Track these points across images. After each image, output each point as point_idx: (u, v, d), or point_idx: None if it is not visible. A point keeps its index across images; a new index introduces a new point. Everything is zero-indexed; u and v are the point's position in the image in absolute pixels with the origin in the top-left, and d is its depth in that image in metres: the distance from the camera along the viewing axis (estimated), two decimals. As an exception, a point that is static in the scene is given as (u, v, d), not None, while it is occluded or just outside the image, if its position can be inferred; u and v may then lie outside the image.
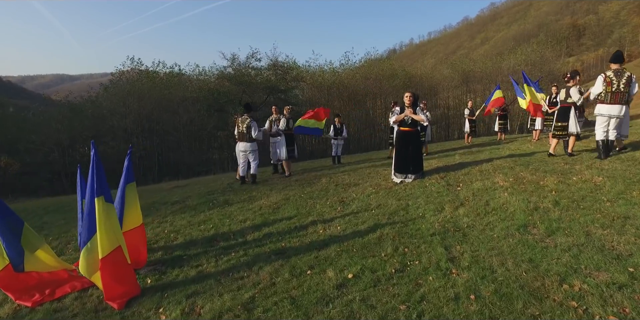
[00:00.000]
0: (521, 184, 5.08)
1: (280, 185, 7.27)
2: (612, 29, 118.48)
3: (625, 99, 5.64)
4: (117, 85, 21.92)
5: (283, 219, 4.98)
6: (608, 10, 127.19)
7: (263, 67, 23.84)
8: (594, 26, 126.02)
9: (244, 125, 7.69)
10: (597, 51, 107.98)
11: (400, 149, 6.06)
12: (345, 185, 6.46)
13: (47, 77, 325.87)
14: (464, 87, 32.82)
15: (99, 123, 20.33)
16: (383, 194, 5.51)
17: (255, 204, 6.02)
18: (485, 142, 11.86)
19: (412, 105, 6.00)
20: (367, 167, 8.04)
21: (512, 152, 8.06)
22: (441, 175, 6.09)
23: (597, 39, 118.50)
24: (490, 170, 6.05)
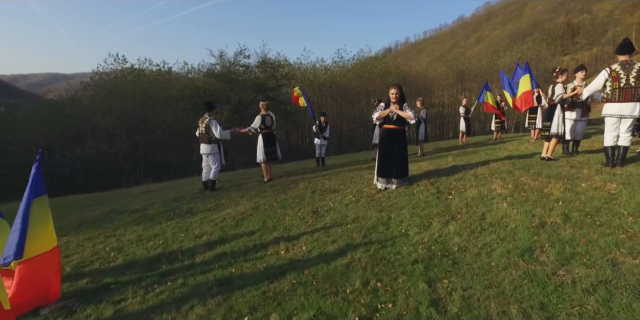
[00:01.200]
0: (522, 191, 4.36)
1: (253, 191, 6.52)
2: (606, 28, 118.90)
3: (638, 95, 4.83)
4: (99, 84, 20.99)
5: (244, 235, 4.23)
6: (602, 9, 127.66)
7: (252, 64, 23.01)
8: (588, 25, 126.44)
9: (203, 124, 6.98)
10: (591, 50, 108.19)
11: (383, 149, 5.33)
12: (323, 192, 5.72)
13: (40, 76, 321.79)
14: (459, 85, 32.22)
15: (81, 122, 19.38)
16: (364, 203, 4.77)
17: (220, 214, 5.27)
18: (481, 142, 11.18)
19: (399, 102, 5.27)
20: (351, 170, 7.31)
21: (510, 153, 7.36)
22: (431, 181, 5.36)
23: (591, 38, 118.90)
24: (486, 175, 5.34)
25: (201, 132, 7.01)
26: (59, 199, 10.16)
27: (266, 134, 7.67)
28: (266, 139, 7.64)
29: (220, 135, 6.96)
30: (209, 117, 7.01)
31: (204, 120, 6.99)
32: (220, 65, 22.03)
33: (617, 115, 4.88)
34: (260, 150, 7.59)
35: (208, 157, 7.09)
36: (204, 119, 7.02)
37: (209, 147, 7.01)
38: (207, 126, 6.93)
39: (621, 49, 4.94)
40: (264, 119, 7.64)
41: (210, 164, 7.11)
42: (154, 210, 6.07)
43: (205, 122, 6.96)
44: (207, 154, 7.05)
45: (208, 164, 7.16)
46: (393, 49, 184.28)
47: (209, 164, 7.14)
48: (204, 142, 7.00)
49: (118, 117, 20.05)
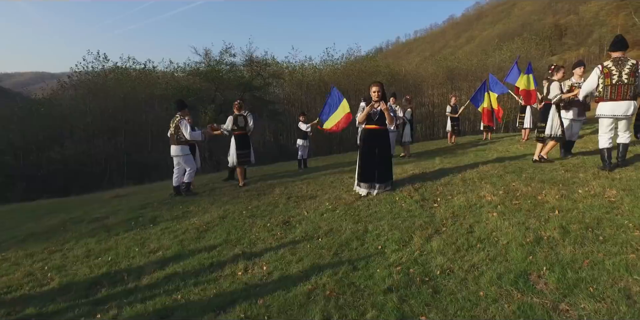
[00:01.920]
0: (514, 198, 3.94)
1: (226, 197, 6.01)
2: (592, 28, 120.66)
3: (632, 93, 4.46)
4: (77, 83, 20.12)
5: (203, 250, 3.73)
6: (588, 10, 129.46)
7: (238, 63, 22.40)
8: (575, 26, 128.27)
9: (173, 124, 6.51)
10: (578, 50, 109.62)
11: (365, 152, 4.88)
12: (299, 199, 5.24)
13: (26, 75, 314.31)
14: (449, 84, 31.99)
15: (59, 123, 18.49)
16: (340, 212, 4.30)
17: (184, 224, 4.76)
18: (470, 142, 10.81)
19: (381, 100, 4.82)
20: (332, 174, 6.84)
21: (500, 154, 6.98)
22: (416, 186, 4.92)
23: (578, 39, 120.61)
24: (475, 179, 4.92)
25: (171, 133, 6.51)
26: (23, 205, 9.51)
27: (239, 135, 7.15)
28: (239, 141, 7.12)
29: (190, 137, 6.45)
30: (179, 117, 6.50)
31: (174, 120, 6.50)
32: (205, 64, 21.38)
33: (609, 116, 4.51)
34: (232, 153, 7.09)
35: (179, 159, 6.57)
36: (174, 119, 6.53)
37: (178, 148, 6.50)
38: (177, 126, 6.43)
39: (614, 45, 4.59)
40: (236, 120, 7.09)
41: (183, 166, 6.59)
42: (115, 219, 5.53)
43: (175, 122, 6.46)
44: (176, 156, 6.55)
45: (179, 167, 6.64)
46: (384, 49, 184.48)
47: (180, 167, 6.63)
48: (173, 143, 6.51)
49: (98, 117, 19.24)
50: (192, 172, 6.66)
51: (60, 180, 19.26)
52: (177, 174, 6.61)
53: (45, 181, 18.74)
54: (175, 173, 6.59)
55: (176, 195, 6.55)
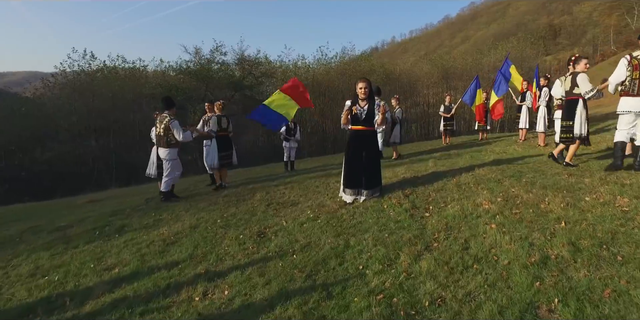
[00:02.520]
0: (514, 207, 3.53)
1: (203, 203, 5.55)
2: (586, 29, 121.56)
3: None
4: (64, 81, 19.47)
5: (163, 267, 3.28)
6: (582, 11, 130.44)
7: (228, 61, 21.89)
8: (569, 26, 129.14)
9: (162, 125, 5.94)
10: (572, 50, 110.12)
11: (350, 155, 4.44)
12: (279, 205, 4.79)
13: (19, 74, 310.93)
14: (444, 84, 31.70)
15: (43, 122, 17.84)
16: (322, 222, 3.86)
17: (151, 235, 4.30)
18: (465, 143, 10.43)
19: (369, 98, 4.39)
20: (319, 177, 6.40)
21: (497, 156, 6.58)
22: (406, 192, 4.49)
23: (572, 39, 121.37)
24: (471, 184, 4.50)
25: (159, 134, 5.97)
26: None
27: (222, 136, 6.78)
28: (222, 143, 6.76)
29: (183, 138, 5.98)
30: (169, 117, 5.95)
31: (163, 120, 5.93)
32: (194, 62, 20.87)
33: (633, 111, 4.11)
34: (214, 154, 6.66)
35: (166, 163, 6.07)
36: (162, 119, 5.96)
37: (168, 151, 5.99)
38: (167, 127, 5.89)
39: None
40: (220, 121, 6.73)
41: (167, 171, 6.07)
42: (79, 229, 5.05)
43: (164, 123, 5.90)
44: (166, 160, 6.04)
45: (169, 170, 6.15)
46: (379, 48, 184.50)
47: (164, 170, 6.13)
48: (162, 145, 5.97)
49: (85, 117, 18.63)
50: (171, 179, 6.15)
51: (47, 181, 18.64)
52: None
53: (29, 183, 18.14)
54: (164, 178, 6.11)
55: (165, 200, 6.05)
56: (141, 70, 24.04)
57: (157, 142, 6.08)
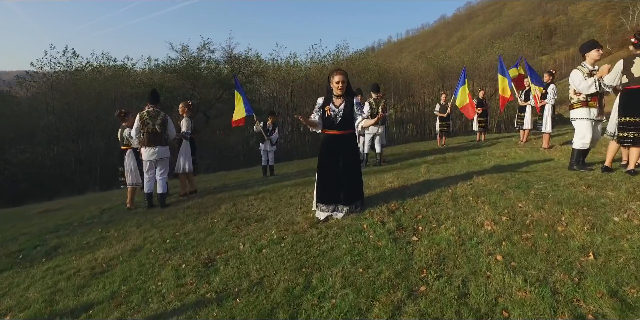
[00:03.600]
0: (524, 229, 2.80)
1: (159, 217, 4.78)
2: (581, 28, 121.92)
3: None
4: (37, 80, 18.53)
5: (76, 310, 2.52)
6: (577, 11, 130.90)
7: (217, 59, 21.05)
8: (564, 26, 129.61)
9: (157, 121, 5.24)
10: (568, 50, 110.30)
11: (325, 165, 3.69)
12: (242, 222, 4.04)
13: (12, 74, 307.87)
14: (440, 83, 31.06)
15: (16, 123, 16.87)
16: (286, 246, 3.11)
17: (83, 260, 3.56)
18: (462, 145, 9.72)
19: (346, 95, 3.65)
20: (296, 185, 5.64)
21: (498, 161, 5.86)
22: (392, 206, 3.75)
23: (567, 38, 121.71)
24: (469, 197, 3.77)
25: (153, 131, 5.22)
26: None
27: (193, 138, 6.25)
28: (193, 146, 6.18)
29: (172, 135, 5.56)
30: (163, 112, 5.39)
31: (158, 115, 5.26)
32: (180, 60, 20.04)
33: None
34: (187, 158, 5.97)
35: (158, 163, 5.36)
36: (155, 114, 5.26)
37: (166, 150, 5.40)
38: (164, 122, 5.30)
39: None
40: (192, 122, 6.22)
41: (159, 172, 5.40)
42: (3, 250, 4.28)
43: (160, 118, 5.26)
44: (163, 158, 5.39)
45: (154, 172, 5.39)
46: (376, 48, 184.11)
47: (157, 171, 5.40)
48: (160, 143, 5.29)
49: (62, 117, 17.71)
50: (166, 179, 5.56)
51: (26, 184, 17.70)
52: (150, 180, 5.39)
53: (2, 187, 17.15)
54: (148, 178, 5.38)
55: (150, 206, 5.35)
56: (127, 68, 23.21)
57: (151, 140, 5.25)
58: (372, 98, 6.89)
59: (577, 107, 4.50)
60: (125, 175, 5.70)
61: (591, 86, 4.16)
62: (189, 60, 19.51)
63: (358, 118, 3.66)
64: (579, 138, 4.48)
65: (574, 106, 4.57)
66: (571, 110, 4.60)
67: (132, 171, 5.67)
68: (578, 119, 4.49)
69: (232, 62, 21.40)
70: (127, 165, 5.68)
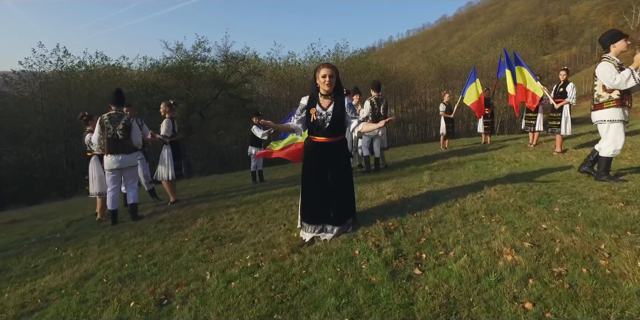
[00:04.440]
0: (553, 260, 2.23)
1: (127, 233, 4.22)
2: (583, 28, 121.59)
3: None
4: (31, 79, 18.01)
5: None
6: (579, 10, 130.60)
7: (213, 58, 20.52)
8: (566, 26, 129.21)
9: (118, 126, 4.60)
10: (570, 50, 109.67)
11: (310, 177, 3.11)
12: (216, 242, 3.48)
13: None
14: (441, 83, 30.48)
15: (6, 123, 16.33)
16: (260, 278, 2.55)
17: (19, 292, 3.02)
18: (467, 148, 9.14)
19: (336, 94, 3.09)
20: (284, 195, 5.07)
21: (509, 167, 5.29)
22: (390, 225, 3.18)
23: (569, 38, 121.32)
24: (481, 214, 3.19)
25: (115, 137, 4.59)
26: None
27: (175, 142, 5.68)
28: (176, 150, 5.61)
29: (138, 142, 4.85)
30: (126, 114, 4.74)
31: (120, 119, 4.62)
32: (175, 59, 19.50)
33: None
34: (169, 165, 5.42)
35: (124, 172, 4.77)
36: (118, 117, 4.62)
37: (130, 158, 4.76)
38: (128, 126, 4.65)
39: None
40: (173, 124, 5.63)
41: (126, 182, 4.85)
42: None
43: (123, 122, 4.61)
44: (128, 167, 4.77)
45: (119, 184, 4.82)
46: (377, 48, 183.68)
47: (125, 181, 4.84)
48: (123, 151, 4.65)
49: (53, 118, 17.17)
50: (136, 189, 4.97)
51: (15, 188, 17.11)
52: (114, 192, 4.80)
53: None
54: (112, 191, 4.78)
55: (114, 223, 4.73)
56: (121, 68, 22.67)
57: (112, 147, 4.63)
58: (373, 97, 6.31)
59: (609, 107, 3.87)
60: (90, 184, 5.13)
61: (629, 79, 3.55)
62: (184, 59, 18.97)
63: (353, 122, 3.08)
64: (608, 144, 3.88)
65: (604, 106, 3.93)
66: (598, 110, 3.98)
67: (96, 179, 5.11)
68: (609, 122, 3.87)
69: (229, 61, 20.88)
70: (91, 172, 5.12)
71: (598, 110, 3.93)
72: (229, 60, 20.64)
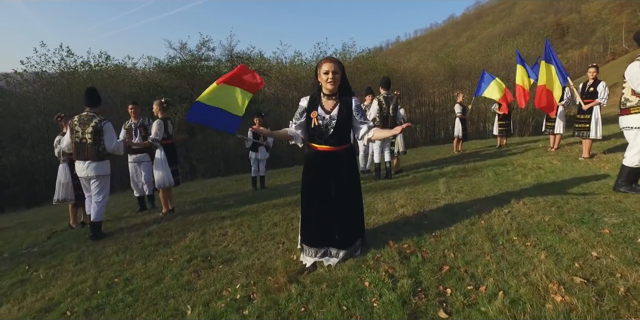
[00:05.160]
0: (621, 308, 1.75)
1: (110, 248, 3.80)
2: (595, 27, 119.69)
3: None
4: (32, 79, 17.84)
5: None
6: (591, 9, 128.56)
7: (218, 57, 20.19)
8: (577, 24, 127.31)
9: (87, 128, 4.08)
10: (581, 49, 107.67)
11: (311, 193, 2.64)
12: (205, 263, 3.04)
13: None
14: (450, 83, 29.84)
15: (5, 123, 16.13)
16: (249, 317, 2.10)
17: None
18: (481, 151, 8.61)
19: (342, 94, 2.62)
20: (285, 206, 4.62)
21: (534, 175, 4.77)
22: (405, 247, 2.71)
23: (580, 37, 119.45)
24: (512, 235, 2.71)
25: (83, 142, 4.09)
26: None
27: (169, 145, 5.21)
28: (171, 154, 5.13)
29: (114, 148, 4.17)
30: (98, 117, 4.13)
31: (90, 122, 4.07)
32: (179, 58, 19.21)
33: None
34: (164, 170, 4.98)
35: (92, 183, 4.23)
36: (88, 119, 4.09)
37: (99, 166, 4.15)
38: (98, 130, 4.06)
39: None
40: (165, 125, 5.13)
41: (93, 194, 4.27)
42: None
43: (92, 125, 4.05)
44: (95, 177, 4.17)
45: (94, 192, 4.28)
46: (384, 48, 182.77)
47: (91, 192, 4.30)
48: (90, 157, 4.10)
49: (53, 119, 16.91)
50: (102, 205, 4.32)
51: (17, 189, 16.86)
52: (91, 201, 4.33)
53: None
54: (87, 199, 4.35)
55: (95, 236, 4.17)
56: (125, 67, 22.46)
57: (80, 153, 4.15)
58: (382, 95, 5.80)
59: (637, 113, 3.45)
60: (55, 189, 4.73)
61: None
62: (188, 58, 18.66)
63: (362, 127, 2.61)
64: (634, 153, 3.47)
65: (632, 111, 3.50)
66: (625, 115, 3.55)
67: (62, 185, 4.70)
68: (637, 129, 3.45)
69: (234, 60, 20.53)
70: (58, 177, 4.71)
71: (625, 115, 3.54)
72: (233, 59, 20.29)
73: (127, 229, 4.48)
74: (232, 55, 20.07)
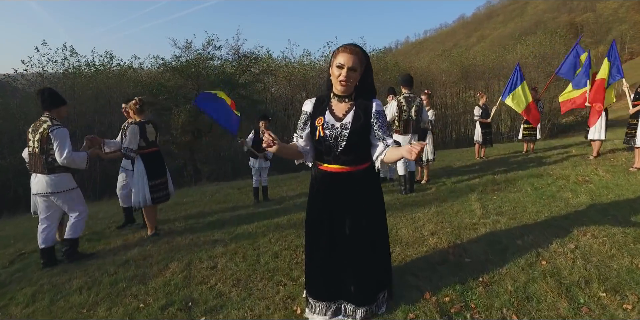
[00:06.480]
0: None
1: (78, 280, 3.15)
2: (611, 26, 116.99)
3: None
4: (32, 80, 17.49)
5: None
6: (606, 7, 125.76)
7: (224, 57, 19.63)
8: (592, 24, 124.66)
9: (36, 135, 3.35)
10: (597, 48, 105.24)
11: (317, 229, 1.93)
12: (182, 312, 2.36)
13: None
14: (463, 83, 28.89)
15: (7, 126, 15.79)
16: None
17: None
18: (507, 158, 7.81)
19: (357, 96, 1.90)
20: (289, 227, 3.92)
21: (586, 191, 3.99)
22: (447, 301, 2.00)
23: (595, 37, 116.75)
24: (593, 285, 1.97)
25: (34, 151, 3.39)
26: None
27: (150, 155, 4.19)
28: (151, 165, 4.18)
29: (67, 160, 3.34)
30: (52, 123, 3.36)
31: (39, 128, 3.34)
32: (184, 57, 18.71)
33: None
34: (140, 187, 4.14)
35: (55, 201, 3.51)
36: (39, 124, 3.36)
37: (55, 180, 3.42)
38: (45, 139, 3.33)
39: None
40: (143, 130, 4.10)
41: (65, 210, 3.58)
42: None
43: (41, 132, 3.32)
44: (52, 193, 3.44)
45: (51, 213, 3.56)
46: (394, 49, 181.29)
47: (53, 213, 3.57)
48: (38, 170, 3.40)
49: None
50: (81, 220, 3.65)
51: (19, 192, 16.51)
52: (45, 224, 3.57)
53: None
54: (43, 224, 3.56)
55: (46, 265, 3.51)
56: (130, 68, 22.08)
57: (31, 165, 3.48)
58: (403, 96, 5.03)
59: None
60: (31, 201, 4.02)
61: None
62: (193, 57, 18.14)
63: (378, 146, 1.87)
64: None
65: None
66: None
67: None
68: None
69: (240, 59, 19.95)
70: None
71: None
72: (240, 59, 19.72)
73: (105, 252, 3.82)
74: (238, 55, 19.48)
